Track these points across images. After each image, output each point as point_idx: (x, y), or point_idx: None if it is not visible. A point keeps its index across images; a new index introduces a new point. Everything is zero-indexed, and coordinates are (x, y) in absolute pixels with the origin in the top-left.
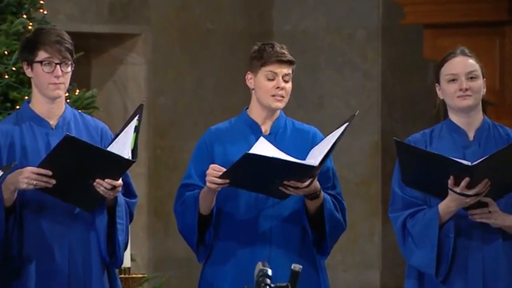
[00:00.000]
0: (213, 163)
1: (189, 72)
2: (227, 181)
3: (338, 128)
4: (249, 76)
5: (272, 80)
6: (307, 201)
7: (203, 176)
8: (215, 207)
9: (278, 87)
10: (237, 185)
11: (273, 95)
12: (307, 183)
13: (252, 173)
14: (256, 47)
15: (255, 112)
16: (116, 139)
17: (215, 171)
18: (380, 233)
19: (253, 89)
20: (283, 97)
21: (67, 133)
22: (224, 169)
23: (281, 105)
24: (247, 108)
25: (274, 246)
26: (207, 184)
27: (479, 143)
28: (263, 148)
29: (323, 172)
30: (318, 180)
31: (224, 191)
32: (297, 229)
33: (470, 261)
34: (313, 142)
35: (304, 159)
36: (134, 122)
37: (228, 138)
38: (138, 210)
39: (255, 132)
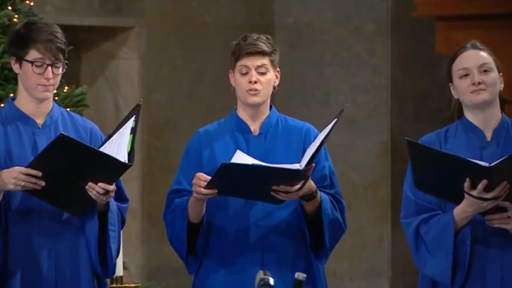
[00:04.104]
0: (202, 167)
1: (185, 68)
2: (215, 191)
3: (327, 125)
4: (231, 74)
5: (246, 74)
6: (304, 203)
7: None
8: (205, 217)
9: (250, 81)
10: (226, 194)
11: (248, 90)
12: (297, 186)
13: (237, 181)
14: (234, 42)
15: (241, 111)
16: (110, 140)
17: (200, 180)
18: (389, 239)
19: (234, 87)
20: (257, 90)
21: (62, 132)
22: (210, 178)
23: (258, 99)
24: (237, 108)
25: (267, 258)
26: (194, 194)
27: (497, 143)
28: (241, 159)
29: (318, 170)
30: (312, 180)
31: (212, 202)
32: (291, 239)
33: (487, 269)
34: (306, 138)
35: (296, 158)
36: (130, 123)
37: (217, 140)
38: (131, 215)
39: (244, 132)
